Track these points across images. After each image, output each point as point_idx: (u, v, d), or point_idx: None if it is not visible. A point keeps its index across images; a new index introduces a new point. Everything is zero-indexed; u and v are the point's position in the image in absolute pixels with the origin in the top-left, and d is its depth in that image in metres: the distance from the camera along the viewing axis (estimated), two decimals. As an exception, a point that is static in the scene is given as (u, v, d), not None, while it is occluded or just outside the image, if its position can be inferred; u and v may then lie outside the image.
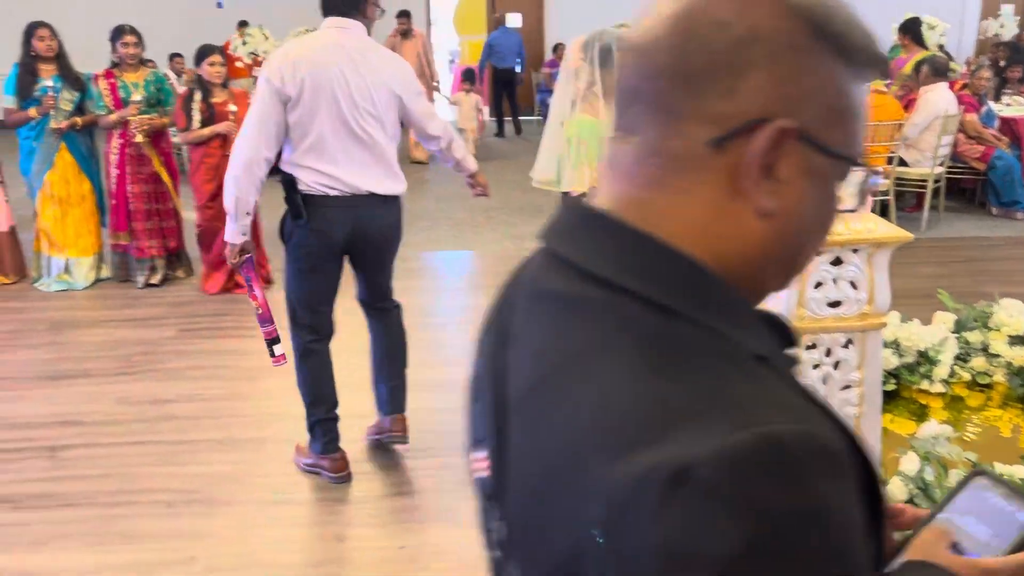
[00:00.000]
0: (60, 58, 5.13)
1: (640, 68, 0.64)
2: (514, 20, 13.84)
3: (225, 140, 4.79)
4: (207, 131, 4.89)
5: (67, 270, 5.27)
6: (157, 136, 5.16)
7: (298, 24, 11.07)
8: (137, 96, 5.01)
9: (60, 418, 3.63)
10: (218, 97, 4.97)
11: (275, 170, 2.88)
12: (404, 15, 9.14)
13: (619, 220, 0.64)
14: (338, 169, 2.79)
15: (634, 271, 0.61)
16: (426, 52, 9.19)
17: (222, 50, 5.20)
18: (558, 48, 12.42)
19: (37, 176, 5.19)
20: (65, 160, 5.20)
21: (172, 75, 8.81)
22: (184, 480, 3.14)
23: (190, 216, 5.19)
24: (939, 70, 6.42)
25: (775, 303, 2.24)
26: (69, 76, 5.13)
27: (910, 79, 6.84)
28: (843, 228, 2.15)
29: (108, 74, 5.07)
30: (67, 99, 5.08)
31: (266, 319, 3.04)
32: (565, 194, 3.14)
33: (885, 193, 6.05)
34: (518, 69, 11.68)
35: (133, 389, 3.90)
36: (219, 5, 12.27)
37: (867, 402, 2.29)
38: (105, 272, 5.38)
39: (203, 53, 4.98)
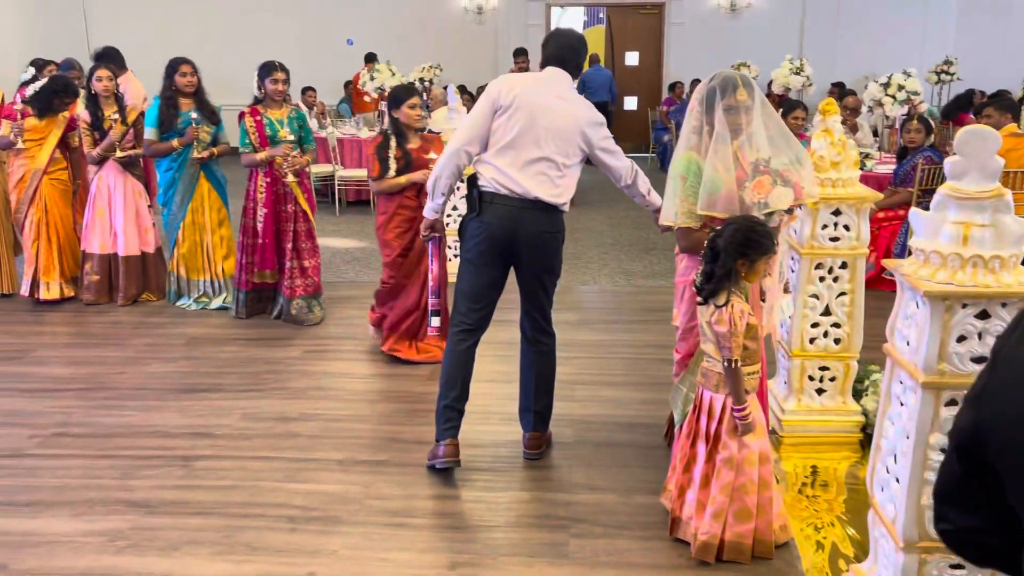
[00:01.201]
0: (199, 93, 5.40)
1: None
2: (632, 58, 13.92)
3: (421, 190, 4.36)
4: (403, 179, 4.45)
5: (205, 292, 5.56)
6: (300, 174, 5.15)
7: (423, 60, 11.51)
8: (287, 135, 5.03)
9: (193, 429, 3.83)
10: (414, 143, 4.56)
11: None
12: (521, 53, 9.33)
13: None
14: (515, 174, 3.21)
15: None
16: None
17: (421, 93, 5.14)
18: (675, 87, 12.40)
19: (180, 206, 5.41)
20: (204, 189, 5.43)
21: (304, 109, 9.24)
22: (305, 497, 3.25)
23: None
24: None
25: (907, 351, 2.16)
26: (206, 109, 5.39)
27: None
28: (991, 280, 2.06)
29: (254, 111, 5.04)
30: (205, 131, 5.35)
31: (435, 292, 3.51)
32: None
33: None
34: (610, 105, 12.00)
35: (260, 405, 4.08)
36: (349, 42, 12.84)
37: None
38: (229, 299, 5.51)
39: (400, 96, 4.51)
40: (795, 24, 12.88)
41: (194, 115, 5.29)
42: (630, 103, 13.96)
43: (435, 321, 3.59)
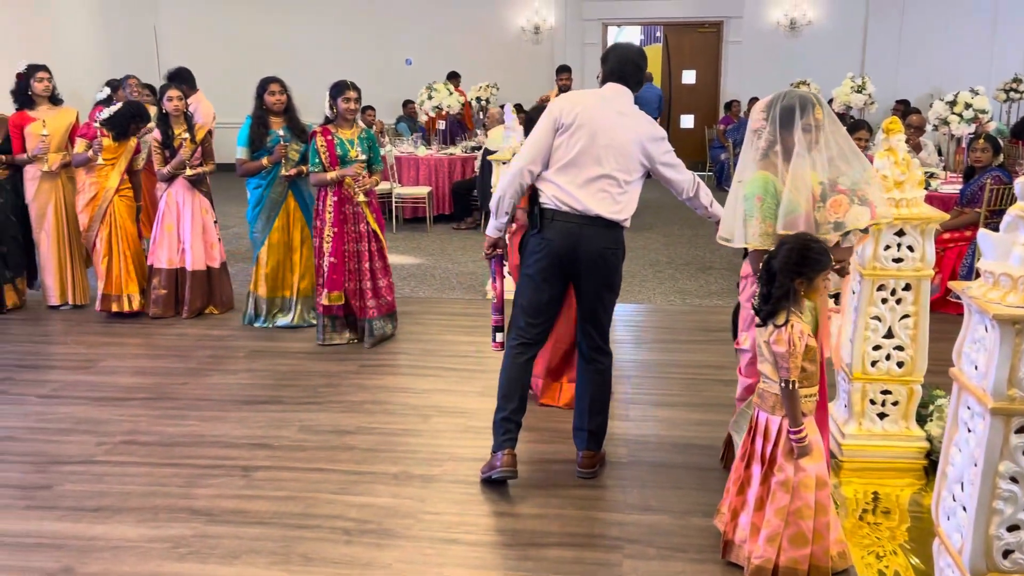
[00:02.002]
0: (288, 111, 5.46)
1: None
2: (689, 77, 13.86)
3: None
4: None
5: (283, 309, 5.59)
6: (368, 194, 5.12)
7: (480, 79, 11.64)
8: (358, 155, 5.00)
9: (252, 440, 3.91)
10: None
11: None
12: (565, 70, 9.20)
13: None
14: (577, 191, 3.25)
15: None
16: None
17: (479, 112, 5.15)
18: (732, 105, 12.30)
19: (266, 223, 5.43)
20: (290, 207, 5.47)
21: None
22: (361, 510, 3.29)
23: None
24: None
25: (975, 376, 2.10)
26: (296, 128, 5.42)
27: None
28: (1066, 305, 2.00)
29: (325, 131, 5.00)
30: (294, 149, 5.38)
31: (497, 309, 3.54)
32: (745, 251, 3.11)
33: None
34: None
35: (317, 418, 4.15)
36: (408, 62, 13.06)
37: (1089, 496, 2.09)
38: (306, 317, 5.57)
39: None
40: (857, 41, 12.68)
41: (282, 133, 5.32)
42: (687, 121, 13.90)
43: (499, 337, 3.63)
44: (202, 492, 3.43)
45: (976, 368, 2.16)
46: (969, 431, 2.20)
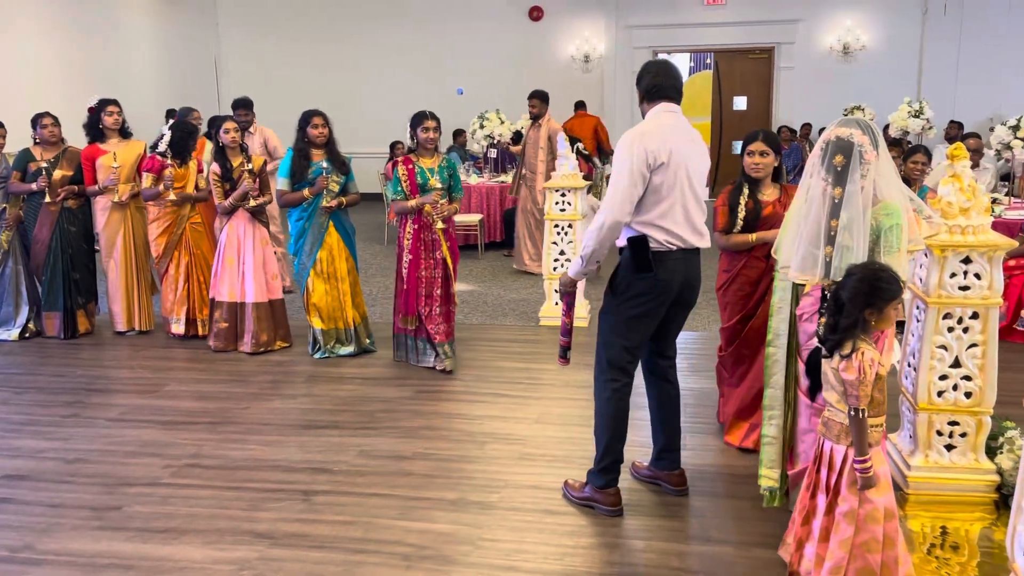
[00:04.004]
0: (330, 143, 5.53)
1: None
2: (740, 103, 13.81)
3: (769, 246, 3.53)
4: (753, 237, 3.90)
5: (338, 340, 5.64)
6: (447, 221, 5.18)
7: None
8: (437, 183, 5.09)
9: (312, 465, 3.97)
10: (768, 194, 3.95)
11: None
12: (535, 96, 8.42)
13: None
14: (680, 229, 3.27)
15: None
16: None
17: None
18: (781, 131, 12.21)
19: (309, 255, 5.45)
20: (333, 238, 5.50)
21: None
22: (419, 535, 3.32)
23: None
24: None
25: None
26: (336, 160, 5.52)
27: None
28: None
29: (406, 160, 5.13)
30: (335, 181, 5.48)
31: (566, 332, 3.52)
32: (800, 287, 3.08)
33: None
34: None
35: (375, 443, 4.20)
36: (459, 91, 13.25)
37: None
38: (364, 343, 5.66)
39: (744, 143, 4.02)
40: (912, 65, 12.52)
41: (325, 165, 5.40)
42: (738, 148, 13.81)
43: (568, 355, 3.58)
44: (264, 515, 3.49)
45: (1053, 399, 2.11)
46: (1046, 464, 2.15)
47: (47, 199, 5.96)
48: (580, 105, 11.60)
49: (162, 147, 5.90)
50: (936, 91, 12.00)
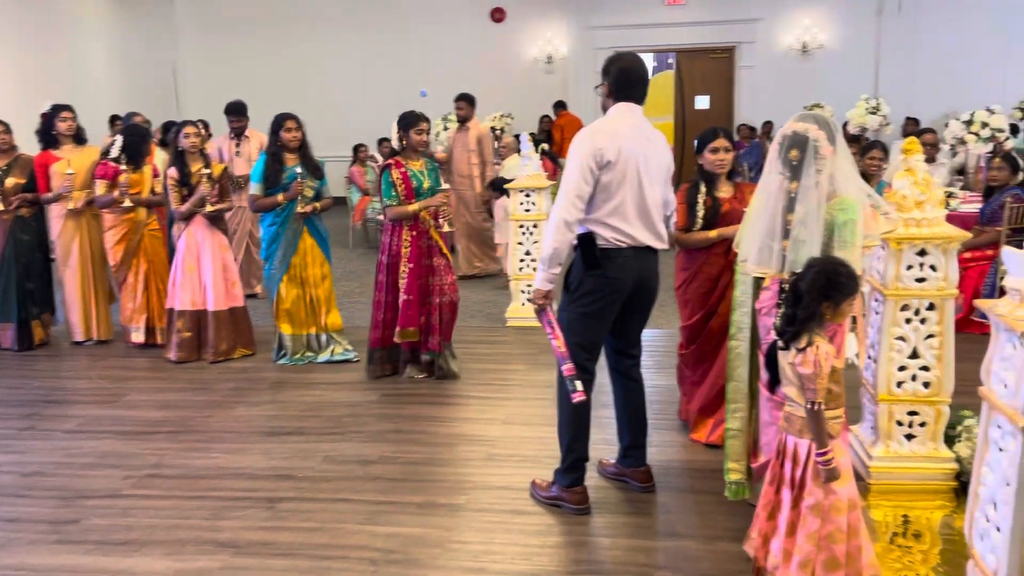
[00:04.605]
0: (303, 148, 5.38)
1: None
2: (702, 102, 13.93)
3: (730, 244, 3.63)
4: (714, 234, 3.87)
5: (309, 347, 5.54)
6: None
7: (494, 109, 11.77)
8: (432, 185, 4.92)
9: (277, 472, 3.92)
10: (725, 191, 3.97)
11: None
12: (462, 98, 8.13)
13: None
14: (631, 227, 3.26)
15: None
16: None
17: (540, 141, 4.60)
18: (740, 129, 12.33)
19: (282, 261, 5.35)
20: (307, 244, 5.40)
21: (380, 159, 9.51)
22: (386, 540, 3.29)
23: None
24: None
25: (1005, 394, 2.08)
26: (310, 164, 5.42)
27: None
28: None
29: (398, 163, 4.91)
30: (309, 186, 5.37)
31: (565, 357, 3.29)
32: (760, 282, 3.11)
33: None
34: None
35: (341, 448, 4.16)
36: (423, 93, 13.19)
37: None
38: (339, 350, 5.53)
39: (707, 138, 3.95)
40: (869, 63, 12.71)
41: (299, 170, 5.29)
42: (702, 147, 13.93)
43: (579, 385, 3.26)
44: (228, 524, 3.44)
45: (1006, 387, 2.15)
46: (1001, 450, 2.18)
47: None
48: (562, 105, 11.51)
49: (115, 152, 5.79)
50: (893, 88, 12.20)
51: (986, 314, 2.24)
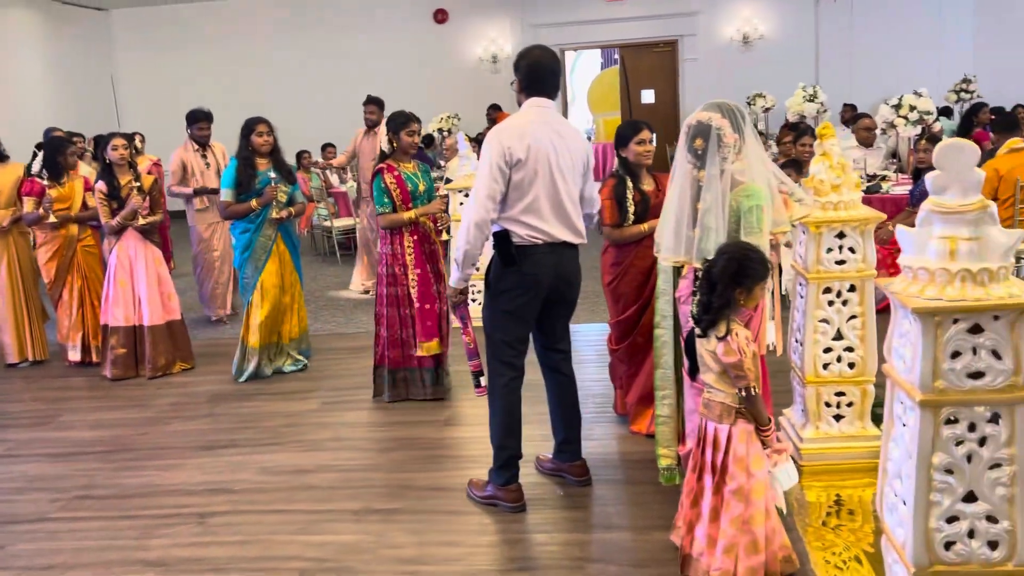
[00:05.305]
0: (275, 152, 5.24)
1: None
2: (648, 96, 14.02)
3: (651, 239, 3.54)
4: (646, 227, 3.85)
5: (267, 356, 5.36)
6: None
7: (441, 110, 11.74)
8: (427, 188, 4.67)
9: (211, 486, 3.86)
10: (648, 184, 3.99)
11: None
12: (371, 102, 7.51)
13: None
14: (546, 224, 3.26)
15: None
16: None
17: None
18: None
19: (256, 268, 5.17)
20: (280, 250, 5.25)
21: (323, 164, 9.40)
22: (319, 549, 3.24)
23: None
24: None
25: (903, 370, 2.11)
26: (283, 169, 5.24)
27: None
28: (980, 293, 2.02)
29: (390, 167, 4.58)
30: (283, 191, 5.20)
31: (474, 354, 3.46)
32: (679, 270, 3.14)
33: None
34: None
35: (278, 459, 4.10)
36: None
37: (1020, 482, 2.10)
38: (288, 363, 5.39)
39: (628, 133, 3.92)
40: (809, 52, 12.89)
41: (272, 175, 5.16)
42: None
43: (483, 381, 3.50)
44: (156, 543, 3.37)
45: (904, 363, 2.17)
46: (904, 425, 2.21)
47: (-79, 230, 5.67)
48: (496, 107, 11.60)
49: (36, 168, 5.67)
50: (832, 75, 12.39)
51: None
